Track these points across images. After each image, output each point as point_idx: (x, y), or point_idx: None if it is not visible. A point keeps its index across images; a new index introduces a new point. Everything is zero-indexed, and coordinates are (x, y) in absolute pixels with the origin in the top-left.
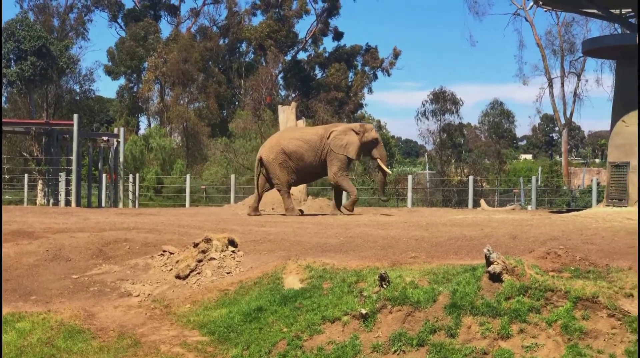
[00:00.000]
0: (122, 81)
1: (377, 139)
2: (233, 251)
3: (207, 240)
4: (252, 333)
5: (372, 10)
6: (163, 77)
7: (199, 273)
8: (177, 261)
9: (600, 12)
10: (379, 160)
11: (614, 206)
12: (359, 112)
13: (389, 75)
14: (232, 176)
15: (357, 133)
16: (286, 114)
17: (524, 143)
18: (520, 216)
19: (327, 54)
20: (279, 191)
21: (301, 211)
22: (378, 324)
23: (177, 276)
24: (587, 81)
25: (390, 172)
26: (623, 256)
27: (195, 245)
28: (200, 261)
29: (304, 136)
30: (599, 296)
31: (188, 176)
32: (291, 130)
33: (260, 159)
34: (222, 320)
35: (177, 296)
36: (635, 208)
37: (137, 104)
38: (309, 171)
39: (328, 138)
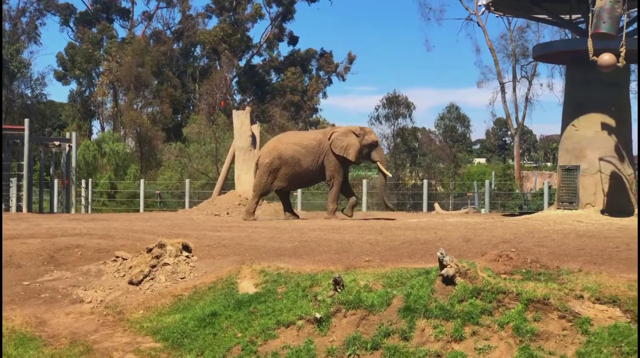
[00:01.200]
0: (74, 85)
1: (377, 142)
2: (187, 257)
3: (161, 245)
4: (207, 339)
5: (327, 15)
6: (117, 81)
7: (152, 279)
8: (130, 267)
9: (550, 18)
10: (378, 163)
11: (565, 209)
12: (314, 116)
13: (343, 80)
14: (187, 181)
15: (357, 136)
16: (241, 118)
17: (478, 146)
18: (473, 220)
19: (281, 59)
20: (253, 191)
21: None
22: (333, 328)
23: (130, 282)
24: (541, 85)
25: (390, 175)
26: (573, 258)
27: (149, 251)
28: (153, 266)
29: (302, 141)
30: (550, 298)
31: (142, 181)
32: (290, 134)
33: (258, 163)
34: (176, 326)
35: (130, 303)
36: (585, 210)
37: (90, 109)
38: (305, 176)
39: (329, 139)
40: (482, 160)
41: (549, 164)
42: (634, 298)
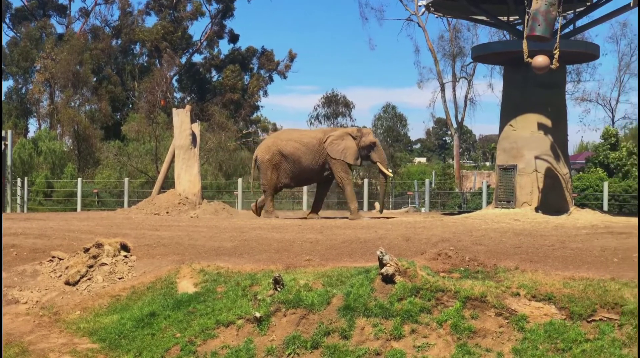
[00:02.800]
0: (10, 82)
1: (375, 142)
2: (125, 256)
3: (98, 245)
4: (145, 340)
5: (268, 13)
6: (53, 78)
7: (89, 279)
8: (66, 267)
9: (488, 19)
10: (379, 164)
11: (503, 208)
12: (254, 115)
13: (285, 78)
14: (126, 179)
15: (354, 138)
16: (181, 117)
17: (418, 146)
18: (413, 219)
19: (222, 57)
20: (263, 191)
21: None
22: (272, 327)
23: (67, 283)
24: (479, 84)
25: (391, 175)
26: (510, 256)
27: (86, 250)
28: (91, 266)
29: (302, 139)
30: (487, 295)
31: (79, 180)
32: (289, 132)
33: (256, 160)
34: (114, 327)
35: (67, 303)
36: (522, 209)
37: (27, 107)
38: (305, 174)
39: (324, 143)
40: (423, 159)
41: (487, 163)
42: (568, 295)
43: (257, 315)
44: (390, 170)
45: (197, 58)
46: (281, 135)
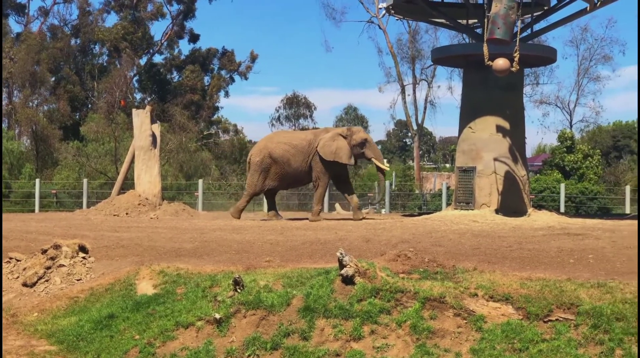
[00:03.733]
0: None
1: (367, 139)
2: (84, 258)
3: (56, 246)
4: (103, 342)
5: (229, 14)
6: (11, 78)
7: (47, 281)
8: (24, 269)
9: (448, 22)
10: (373, 159)
11: (462, 209)
12: (215, 116)
13: (246, 79)
14: (85, 180)
15: (344, 137)
16: (141, 118)
17: (379, 148)
18: (374, 220)
19: (183, 57)
20: (245, 190)
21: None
22: (232, 329)
23: (24, 284)
24: (439, 86)
25: (388, 168)
26: (469, 257)
27: (44, 252)
28: (48, 268)
29: (292, 141)
30: (446, 296)
31: (37, 180)
32: (280, 134)
33: (249, 162)
34: (72, 329)
35: (24, 305)
36: (481, 211)
37: None
38: (295, 176)
39: (316, 147)
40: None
41: (447, 165)
42: (525, 295)
43: (217, 316)
44: (387, 164)
45: (157, 58)
46: (273, 137)
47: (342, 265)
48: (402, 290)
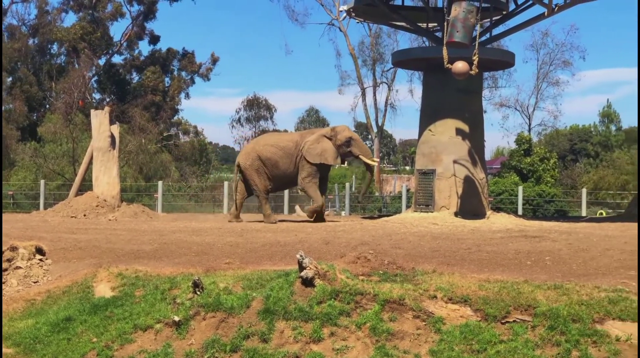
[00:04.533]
0: None
1: (351, 137)
2: (41, 260)
3: (13, 248)
4: (60, 344)
5: (191, 15)
6: None
7: (3, 283)
8: None
9: (408, 26)
10: (361, 156)
11: (422, 211)
12: (175, 117)
13: (208, 80)
14: (42, 181)
15: (329, 138)
16: (99, 118)
17: None
18: (333, 222)
19: (143, 58)
20: (257, 196)
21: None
22: (191, 331)
23: None
24: (397, 91)
25: (376, 162)
26: (428, 259)
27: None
28: (5, 270)
29: (278, 143)
30: (405, 298)
31: None
32: (267, 136)
33: (239, 166)
34: (28, 331)
35: None
36: (440, 213)
37: None
38: (283, 178)
39: (301, 151)
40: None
41: (407, 167)
42: (483, 297)
43: (176, 318)
44: (376, 159)
45: (117, 59)
46: (260, 140)
47: (301, 267)
48: (362, 292)
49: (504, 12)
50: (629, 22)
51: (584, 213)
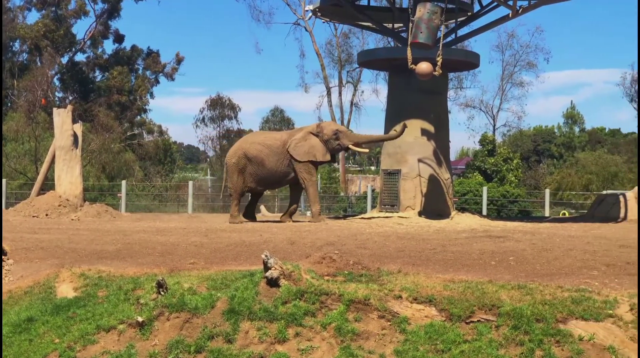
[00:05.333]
0: None
1: (337, 129)
2: (1, 260)
3: None
4: (22, 345)
5: (156, 14)
6: None
7: None
8: None
9: (374, 26)
10: (351, 147)
11: (387, 211)
12: (139, 117)
13: (172, 79)
14: (4, 181)
15: (316, 134)
16: (62, 117)
17: None
18: (299, 222)
19: (107, 56)
20: (230, 195)
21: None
22: (155, 332)
23: None
24: (362, 91)
25: (367, 151)
26: (393, 259)
27: None
28: None
29: (265, 141)
30: (371, 298)
31: None
32: (255, 134)
33: (226, 163)
34: None
35: None
36: (405, 213)
37: None
38: (271, 176)
39: (287, 150)
40: None
41: (372, 168)
42: (448, 297)
43: (140, 319)
44: (366, 148)
45: (80, 57)
46: (248, 138)
47: (267, 267)
48: (327, 292)
49: (469, 14)
50: (591, 24)
51: (547, 214)
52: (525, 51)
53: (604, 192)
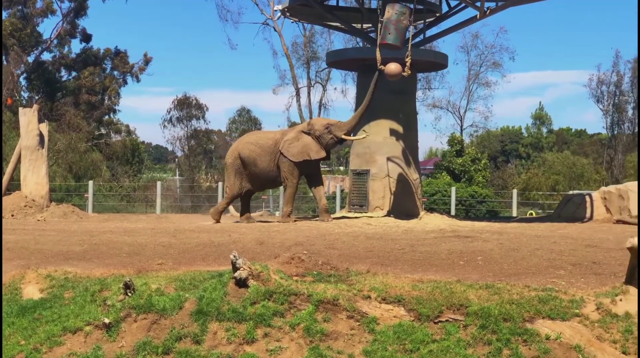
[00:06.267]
0: None
1: (329, 123)
2: None
3: None
4: None
5: (123, 13)
6: None
7: None
8: None
9: (343, 26)
10: (345, 136)
11: (356, 212)
12: (107, 117)
13: (138, 81)
14: None
15: (307, 133)
16: (28, 117)
17: None
18: (268, 223)
19: (73, 56)
20: (225, 192)
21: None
22: (122, 333)
23: None
24: (335, 88)
25: (362, 137)
26: (362, 260)
27: None
28: None
29: (258, 141)
30: (339, 298)
31: None
32: (250, 134)
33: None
34: None
35: None
36: (374, 213)
37: None
38: (264, 176)
39: (280, 150)
40: None
41: (341, 168)
42: (417, 297)
43: (106, 320)
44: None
45: (46, 56)
46: (243, 138)
47: (235, 268)
48: (296, 293)
49: (437, 15)
50: (556, 26)
51: (514, 214)
52: (490, 51)
53: (571, 192)
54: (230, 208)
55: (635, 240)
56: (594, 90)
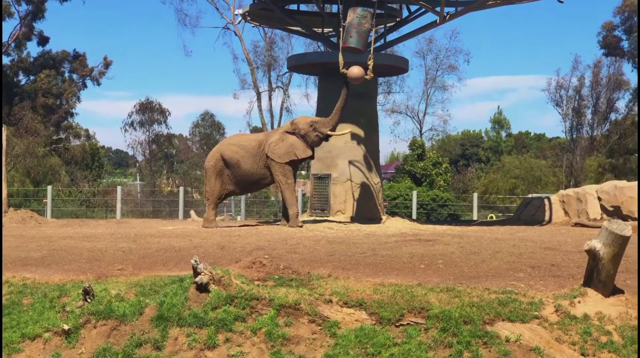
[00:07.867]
0: None
1: (312, 121)
2: None
3: None
4: None
5: (82, 16)
6: None
7: None
8: None
9: (304, 31)
10: (330, 132)
11: (317, 216)
12: (66, 121)
13: (99, 84)
14: None
15: (292, 132)
16: None
17: None
18: (229, 227)
19: (31, 59)
20: (206, 199)
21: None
22: (82, 340)
23: None
24: (302, 94)
25: (348, 132)
26: (323, 264)
27: None
28: None
29: (241, 142)
30: (301, 303)
31: None
32: (233, 136)
33: (205, 168)
34: None
35: None
36: (336, 218)
37: None
38: (248, 178)
39: (266, 154)
40: None
41: (303, 172)
42: (378, 301)
43: (66, 327)
44: (349, 131)
45: (4, 60)
46: (225, 140)
47: (196, 273)
48: (257, 297)
49: (398, 19)
50: (514, 32)
51: (475, 217)
52: (445, 54)
53: (530, 195)
54: (192, 212)
55: (593, 242)
56: (553, 94)
